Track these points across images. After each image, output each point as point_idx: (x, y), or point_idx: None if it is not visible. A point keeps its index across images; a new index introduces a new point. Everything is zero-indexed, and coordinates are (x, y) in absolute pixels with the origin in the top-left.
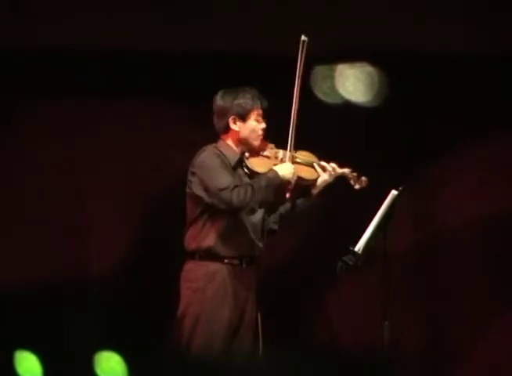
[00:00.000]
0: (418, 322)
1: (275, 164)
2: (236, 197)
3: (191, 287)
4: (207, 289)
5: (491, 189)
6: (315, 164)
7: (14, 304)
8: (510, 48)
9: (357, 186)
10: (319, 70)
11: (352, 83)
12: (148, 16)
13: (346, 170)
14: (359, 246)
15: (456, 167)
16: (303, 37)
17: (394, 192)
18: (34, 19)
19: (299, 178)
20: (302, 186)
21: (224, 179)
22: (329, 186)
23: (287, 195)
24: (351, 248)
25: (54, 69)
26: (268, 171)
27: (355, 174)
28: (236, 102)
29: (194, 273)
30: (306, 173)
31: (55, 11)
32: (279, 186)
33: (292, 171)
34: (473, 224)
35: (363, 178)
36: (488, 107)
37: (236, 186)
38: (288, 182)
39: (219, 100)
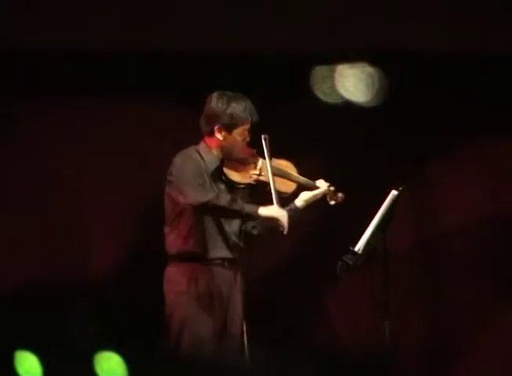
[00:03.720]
0: (418, 322)
1: (252, 174)
2: (199, 195)
3: (175, 290)
4: (192, 292)
5: (491, 189)
6: (317, 183)
7: (14, 304)
8: (510, 48)
9: (332, 202)
10: (319, 70)
11: (352, 83)
12: (148, 17)
13: (326, 186)
14: (359, 246)
15: (456, 167)
16: (263, 136)
17: (394, 192)
18: (35, 19)
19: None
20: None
21: (193, 175)
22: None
23: (284, 232)
24: (351, 248)
25: (54, 69)
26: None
27: (332, 189)
28: (228, 111)
29: (177, 276)
30: (282, 185)
31: (56, 11)
32: (252, 217)
33: (284, 213)
34: (473, 224)
35: (339, 194)
36: (488, 107)
37: (201, 184)
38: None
39: (212, 103)
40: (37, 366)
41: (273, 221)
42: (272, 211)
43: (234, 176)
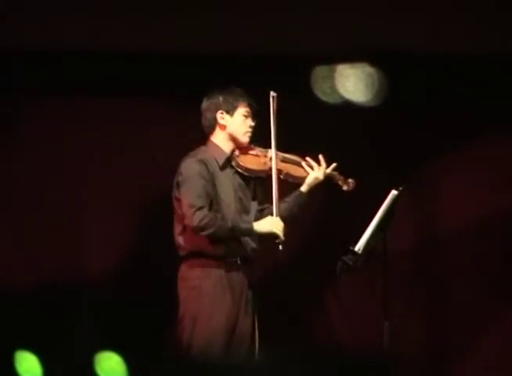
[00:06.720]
0: (418, 322)
1: (265, 163)
2: (197, 220)
3: (188, 286)
4: (204, 286)
5: (491, 189)
6: (303, 163)
7: (14, 304)
8: (510, 48)
9: (345, 188)
10: (319, 70)
11: (352, 83)
12: (148, 17)
13: (334, 172)
14: (359, 246)
15: (456, 167)
16: (272, 94)
17: (394, 192)
18: (35, 19)
19: (289, 176)
20: (293, 183)
21: (195, 196)
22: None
23: (280, 247)
24: (351, 248)
25: (54, 69)
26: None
27: (341, 177)
28: (222, 98)
29: (190, 272)
30: (295, 171)
31: (56, 11)
32: (249, 235)
33: (280, 225)
34: (473, 224)
35: (350, 180)
36: (487, 107)
37: (201, 208)
38: (276, 236)
39: (206, 99)
40: (37, 366)
41: (270, 235)
42: (267, 225)
43: (249, 165)
